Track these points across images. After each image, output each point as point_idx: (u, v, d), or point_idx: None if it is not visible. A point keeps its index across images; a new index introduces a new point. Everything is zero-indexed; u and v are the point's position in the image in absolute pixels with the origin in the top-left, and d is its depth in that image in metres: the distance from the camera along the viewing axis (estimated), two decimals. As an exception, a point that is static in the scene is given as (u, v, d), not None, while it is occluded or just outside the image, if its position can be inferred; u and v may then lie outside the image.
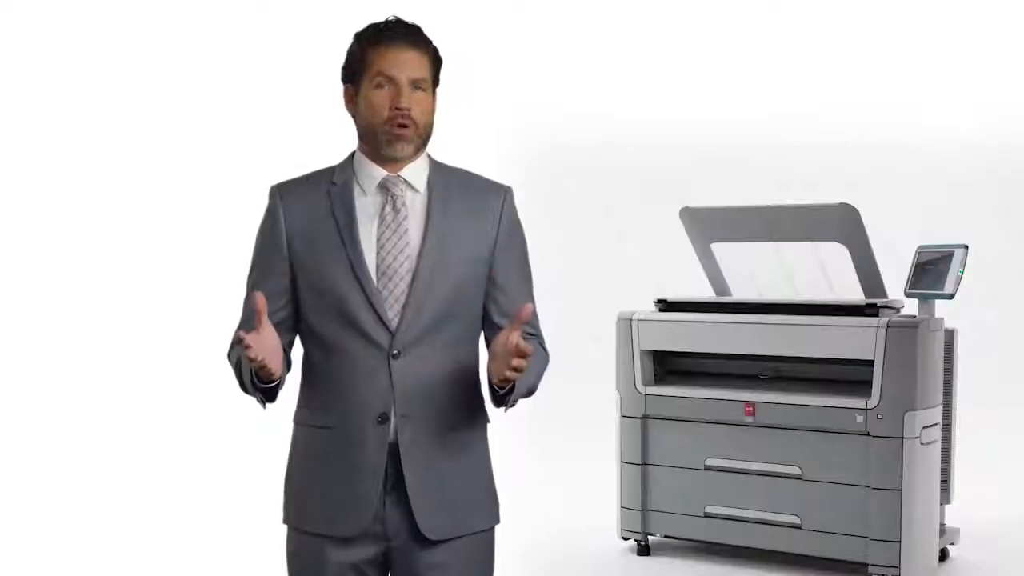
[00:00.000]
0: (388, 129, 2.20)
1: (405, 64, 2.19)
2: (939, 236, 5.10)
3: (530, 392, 2.27)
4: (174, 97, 7.10)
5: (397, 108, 2.18)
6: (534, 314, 2.34)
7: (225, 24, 7.12)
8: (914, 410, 4.50)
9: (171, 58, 7.10)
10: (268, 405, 2.25)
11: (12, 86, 7.00)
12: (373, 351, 2.19)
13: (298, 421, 2.32)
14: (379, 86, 2.20)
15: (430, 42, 2.25)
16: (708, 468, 4.98)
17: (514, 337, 2.04)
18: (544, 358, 2.33)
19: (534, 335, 2.34)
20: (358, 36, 2.25)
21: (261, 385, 2.17)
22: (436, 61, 2.26)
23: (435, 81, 2.27)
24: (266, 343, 2.07)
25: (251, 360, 2.05)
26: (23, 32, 7.02)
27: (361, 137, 2.27)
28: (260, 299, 2.05)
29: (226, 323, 2.36)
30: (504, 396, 2.18)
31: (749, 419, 4.87)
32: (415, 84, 2.20)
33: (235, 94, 7.09)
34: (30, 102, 7.00)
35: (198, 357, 5.68)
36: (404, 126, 2.19)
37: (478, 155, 4.18)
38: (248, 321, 2.20)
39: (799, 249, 5.16)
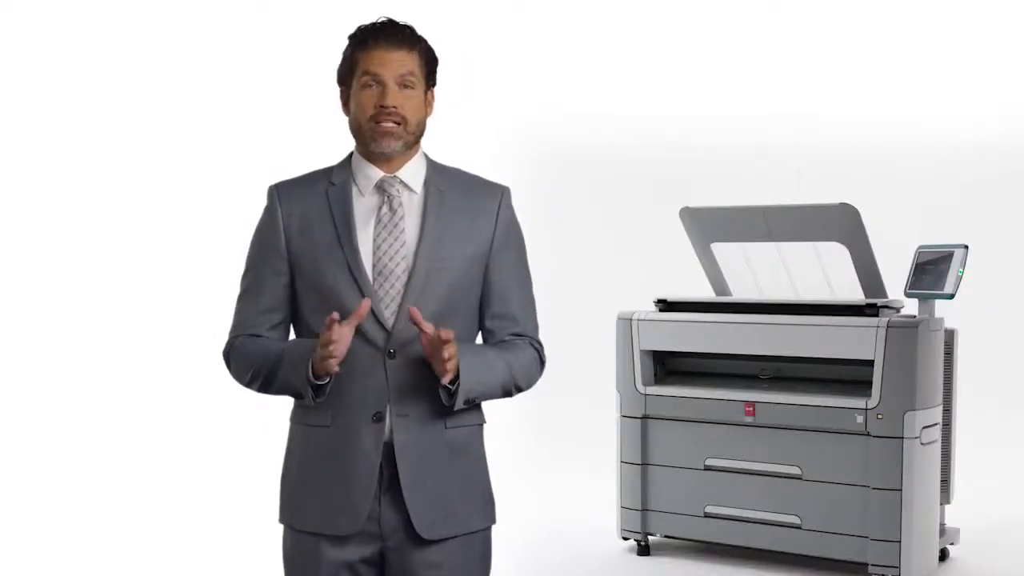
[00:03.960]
0: (374, 127, 2.21)
1: (391, 63, 2.20)
2: (939, 236, 5.09)
3: (505, 391, 2.27)
4: (174, 97, 7.10)
5: (382, 106, 2.20)
6: (527, 314, 2.34)
7: (225, 24, 7.12)
8: (914, 410, 4.50)
9: (171, 58, 7.10)
10: (318, 400, 2.20)
11: (12, 86, 6.99)
12: (369, 350, 2.20)
13: (294, 420, 2.32)
14: (367, 86, 2.22)
15: (420, 40, 2.25)
16: (708, 468, 4.98)
17: (427, 330, 2.09)
18: (521, 359, 2.30)
19: (522, 335, 2.33)
20: (349, 38, 2.27)
21: (316, 382, 2.16)
22: (428, 60, 2.26)
23: (428, 79, 2.27)
24: (347, 341, 2.11)
25: (332, 357, 2.08)
26: (23, 32, 7.02)
27: (354, 137, 2.28)
28: (366, 304, 2.10)
29: (224, 323, 2.36)
30: (454, 393, 2.17)
31: (749, 419, 4.87)
32: (403, 82, 2.21)
33: (235, 94, 7.09)
34: (30, 102, 7.00)
35: (195, 357, 5.67)
36: (390, 123, 2.20)
37: (478, 155, 4.19)
38: (250, 323, 2.27)
39: (799, 249, 5.15)
